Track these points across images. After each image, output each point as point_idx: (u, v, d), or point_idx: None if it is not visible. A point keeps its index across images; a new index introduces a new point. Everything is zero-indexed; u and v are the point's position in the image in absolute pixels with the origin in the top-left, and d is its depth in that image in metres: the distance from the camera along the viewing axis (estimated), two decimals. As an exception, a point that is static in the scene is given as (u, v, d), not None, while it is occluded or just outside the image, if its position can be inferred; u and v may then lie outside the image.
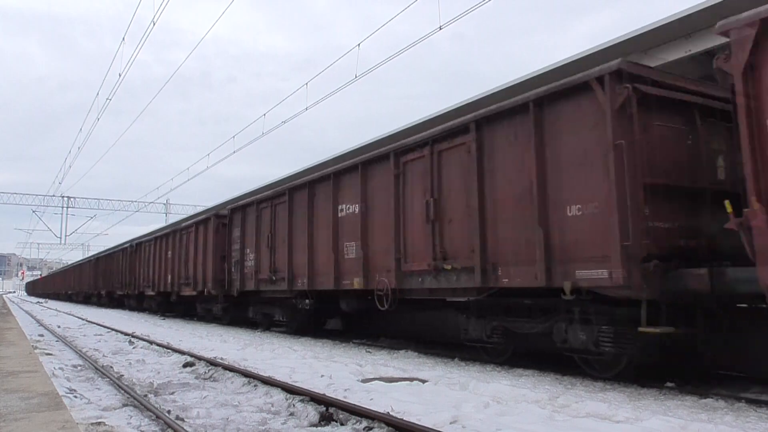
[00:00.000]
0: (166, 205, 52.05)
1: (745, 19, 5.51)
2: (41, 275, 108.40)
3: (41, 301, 57.30)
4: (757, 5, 5.49)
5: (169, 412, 5.56)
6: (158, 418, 5.30)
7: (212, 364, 8.62)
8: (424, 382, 7.17)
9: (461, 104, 12.52)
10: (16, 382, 6.51)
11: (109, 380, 7.61)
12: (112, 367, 8.84)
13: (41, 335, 14.89)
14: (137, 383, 7.35)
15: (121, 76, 17.73)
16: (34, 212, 48.12)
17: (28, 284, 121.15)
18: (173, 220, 44.97)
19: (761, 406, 5.71)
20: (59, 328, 17.93)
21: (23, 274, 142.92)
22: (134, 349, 11.82)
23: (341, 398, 5.97)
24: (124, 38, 16.80)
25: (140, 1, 14.00)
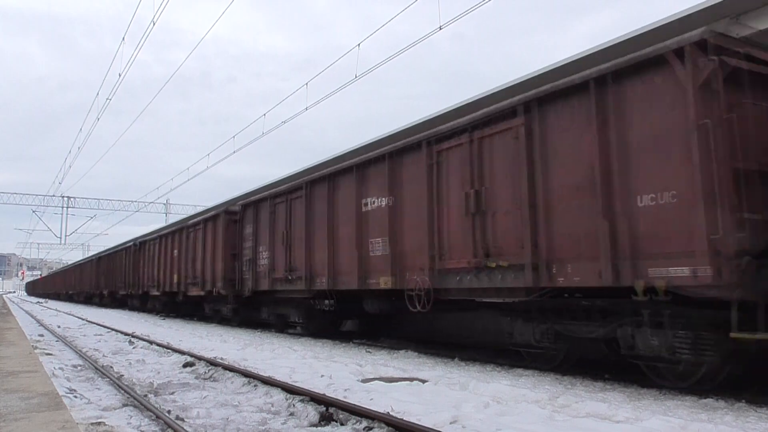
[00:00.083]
0: (166, 205, 52.02)
1: None
2: (41, 275, 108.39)
3: (41, 301, 57.32)
4: None
5: (169, 412, 5.56)
6: (158, 418, 5.31)
7: (212, 364, 8.62)
8: (424, 382, 7.17)
9: (461, 104, 12.49)
10: (16, 382, 6.51)
11: (109, 380, 7.62)
12: (112, 367, 8.84)
13: (41, 335, 14.89)
14: (137, 383, 7.35)
15: (121, 76, 17.75)
16: (34, 212, 48.11)
17: (28, 284, 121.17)
18: (173, 220, 44.93)
19: (761, 406, 5.71)
20: (59, 328, 17.93)
21: (23, 274, 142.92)
22: (134, 349, 11.83)
23: (341, 398, 5.97)
24: (124, 38, 16.82)
25: (140, 1, 14.02)
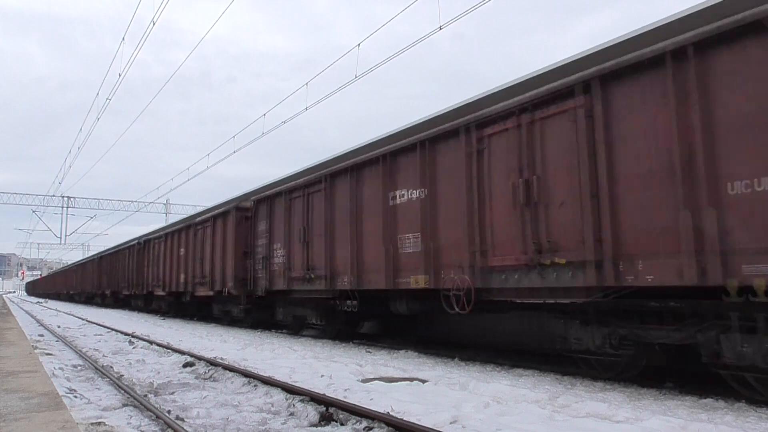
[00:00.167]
0: (166, 205, 52.03)
1: None
2: (41, 275, 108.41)
3: (41, 301, 57.34)
4: None
5: (169, 412, 5.56)
6: (158, 418, 5.31)
7: (212, 364, 8.62)
8: (424, 382, 7.17)
9: (461, 104, 12.48)
10: (16, 382, 6.51)
11: (109, 380, 7.61)
12: (112, 367, 8.84)
13: (41, 335, 14.89)
14: (137, 383, 7.35)
15: (121, 76, 17.77)
16: (34, 212, 48.11)
17: (28, 284, 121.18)
18: (173, 219, 44.94)
19: (761, 406, 5.71)
20: (59, 328, 17.93)
21: (23, 274, 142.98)
22: (134, 349, 11.83)
23: (341, 398, 5.97)
24: (124, 38, 16.85)
25: (140, 1, 14.02)
